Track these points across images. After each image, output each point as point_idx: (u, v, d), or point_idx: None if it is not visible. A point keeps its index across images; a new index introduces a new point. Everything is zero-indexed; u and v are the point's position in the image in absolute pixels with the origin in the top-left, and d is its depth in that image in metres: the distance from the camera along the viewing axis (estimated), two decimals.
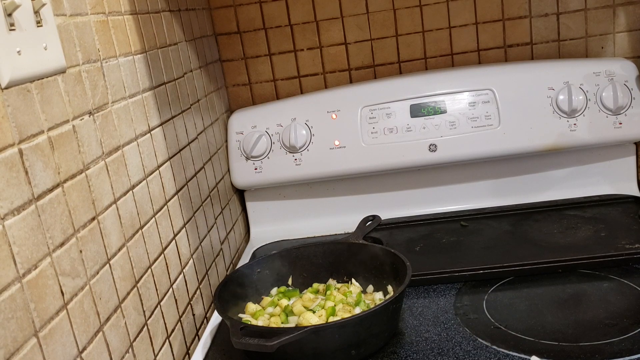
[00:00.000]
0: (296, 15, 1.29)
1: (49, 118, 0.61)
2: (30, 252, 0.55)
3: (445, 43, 1.29)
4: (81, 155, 0.66)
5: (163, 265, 0.85)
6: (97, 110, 0.71)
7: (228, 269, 1.18)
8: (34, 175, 0.57)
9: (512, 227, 1.14)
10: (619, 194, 1.21)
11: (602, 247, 1.00)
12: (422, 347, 0.81)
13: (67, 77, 0.65)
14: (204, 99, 1.15)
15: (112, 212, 0.72)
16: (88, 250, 0.65)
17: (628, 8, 1.23)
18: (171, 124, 0.95)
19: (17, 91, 0.56)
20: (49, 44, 0.61)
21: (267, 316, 0.90)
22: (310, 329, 0.77)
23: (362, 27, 1.29)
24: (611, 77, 1.17)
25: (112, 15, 0.78)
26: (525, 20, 1.26)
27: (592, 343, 0.77)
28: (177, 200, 0.94)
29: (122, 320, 0.71)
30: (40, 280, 0.56)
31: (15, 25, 0.56)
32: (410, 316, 0.89)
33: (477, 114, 1.19)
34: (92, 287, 0.65)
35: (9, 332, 0.51)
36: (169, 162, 0.92)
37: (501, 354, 0.77)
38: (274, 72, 1.32)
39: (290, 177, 1.25)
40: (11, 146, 0.54)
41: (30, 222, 0.56)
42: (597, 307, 0.86)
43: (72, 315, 0.61)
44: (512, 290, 0.93)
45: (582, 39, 1.26)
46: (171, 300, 0.87)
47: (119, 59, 0.78)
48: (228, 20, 1.30)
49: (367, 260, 0.97)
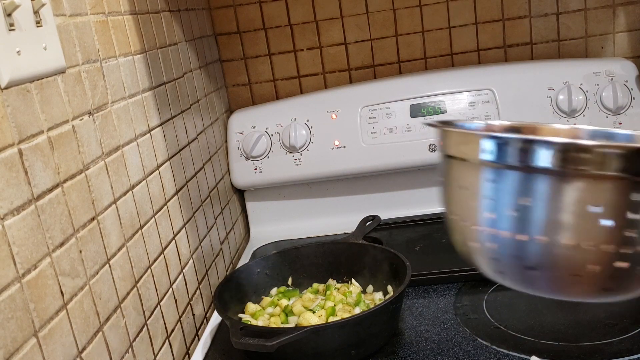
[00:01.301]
0: (296, 15, 1.29)
1: (49, 118, 0.61)
2: (29, 252, 0.55)
3: (445, 43, 1.29)
4: (81, 156, 0.66)
5: (163, 265, 0.85)
6: (97, 110, 0.71)
7: (228, 269, 1.18)
8: (34, 175, 0.57)
9: None
10: None
11: None
12: (422, 347, 0.81)
13: (66, 77, 0.65)
14: (203, 99, 1.15)
15: (111, 212, 0.72)
16: (88, 250, 0.65)
17: (628, 8, 1.23)
18: (171, 124, 0.95)
19: (16, 91, 0.56)
20: (48, 44, 0.61)
21: (267, 316, 0.90)
22: (310, 329, 0.77)
23: (362, 27, 1.29)
24: (611, 77, 1.17)
25: (112, 15, 0.78)
26: (525, 20, 1.26)
27: (592, 343, 0.77)
28: (177, 200, 0.94)
29: (121, 321, 0.71)
30: (40, 280, 0.56)
31: (15, 25, 0.56)
32: (410, 316, 0.89)
33: (477, 114, 1.19)
34: (92, 287, 0.65)
35: (9, 332, 0.51)
36: (168, 162, 0.92)
37: (501, 354, 0.77)
38: (273, 72, 1.32)
39: (290, 177, 1.25)
40: (11, 146, 0.54)
41: (30, 222, 0.56)
42: (597, 307, 0.86)
43: (72, 315, 0.61)
44: (512, 290, 0.93)
45: (582, 38, 1.26)
46: (171, 300, 0.87)
47: (118, 59, 0.78)
48: (228, 20, 1.30)
49: (367, 260, 0.97)
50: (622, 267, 0.50)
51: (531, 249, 0.52)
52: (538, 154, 0.49)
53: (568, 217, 0.50)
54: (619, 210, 0.49)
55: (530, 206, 0.50)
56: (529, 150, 0.50)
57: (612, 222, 0.49)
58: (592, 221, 0.49)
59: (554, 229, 0.50)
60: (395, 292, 0.84)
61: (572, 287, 0.53)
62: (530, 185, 0.50)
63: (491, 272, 0.58)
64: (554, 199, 0.50)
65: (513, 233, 0.52)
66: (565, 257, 0.51)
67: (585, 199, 0.49)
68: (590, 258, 0.50)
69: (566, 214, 0.50)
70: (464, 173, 0.56)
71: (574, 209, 0.49)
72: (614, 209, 0.48)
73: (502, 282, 0.59)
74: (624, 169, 0.48)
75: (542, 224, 0.51)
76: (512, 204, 0.51)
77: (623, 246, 0.49)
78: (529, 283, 0.56)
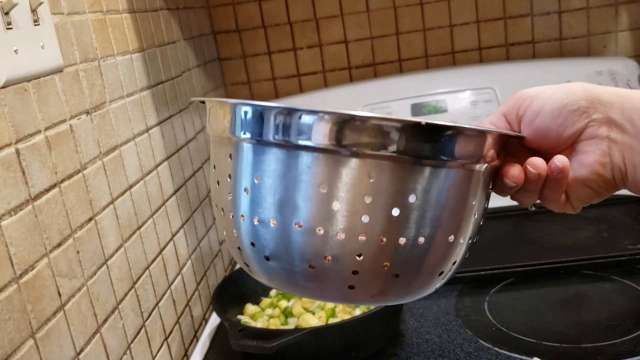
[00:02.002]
0: (296, 13, 1.28)
1: (46, 117, 0.60)
2: (27, 253, 0.55)
3: (447, 41, 1.28)
4: (78, 155, 0.66)
5: (161, 266, 0.85)
6: (95, 109, 0.70)
7: (227, 269, 1.18)
8: (31, 175, 0.57)
9: (513, 227, 1.13)
10: (621, 194, 1.18)
11: (604, 247, 1.00)
12: (423, 349, 0.81)
13: (64, 76, 0.64)
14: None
15: (109, 212, 0.71)
16: (85, 251, 0.65)
17: (630, 6, 1.23)
18: (169, 123, 0.94)
19: (14, 90, 0.55)
20: (46, 43, 0.61)
21: (266, 317, 0.89)
22: (310, 330, 0.76)
23: (362, 25, 1.28)
24: (613, 76, 1.16)
25: (110, 13, 0.77)
26: (527, 19, 1.25)
27: (594, 344, 0.77)
28: (175, 200, 0.93)
29: (119, 322, 0.71)
30: (38, 281, 0.56)
31: (13, 24, 0.56)
32: (411, 317, 0.88)
33: (479, 112, 1.19)
34: (90, 288, 0.65)
35: (6, 333, 0.51)
36: (167, 162, 0.91)
37: (503, 356, 0.77)
38: (273, 70, 1.32)
39: None
40: (8, 146, 0.54)
41: (27, 223, 0.55)
42: (599, 308, 0.85)
43: (70, 317, 0.60)
44: (513, 291, 0.93)
45: (584, 37, 1.25)
46: (169, 301, 0.86)
47: (116, 57, 0.78)
48: (227, 19, 1.29)
49: None
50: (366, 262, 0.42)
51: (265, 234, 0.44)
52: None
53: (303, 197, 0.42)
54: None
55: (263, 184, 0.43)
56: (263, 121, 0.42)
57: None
58: (324, 202, 0.42)
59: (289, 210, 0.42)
60: None
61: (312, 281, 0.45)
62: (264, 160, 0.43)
63: (241, 263, 0.49)
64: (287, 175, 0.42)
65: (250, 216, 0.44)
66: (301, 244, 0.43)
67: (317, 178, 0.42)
68: (327, 249, 0.42)
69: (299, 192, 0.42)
70: (214, 150, 0.48)
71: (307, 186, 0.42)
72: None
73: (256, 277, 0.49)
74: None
75: (275, 204, 0.43)
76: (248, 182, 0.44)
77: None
78: (269, 276, 0.47)
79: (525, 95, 0.49)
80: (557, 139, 0.48)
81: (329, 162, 0.41)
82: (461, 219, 0.45)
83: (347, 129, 0.41)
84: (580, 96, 0.47)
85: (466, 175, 0.44)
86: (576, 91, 0.47)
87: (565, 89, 0.48)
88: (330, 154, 0.41)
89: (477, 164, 0.44)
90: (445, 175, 0.43)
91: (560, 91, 0.48)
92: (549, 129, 0.47)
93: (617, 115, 0.46)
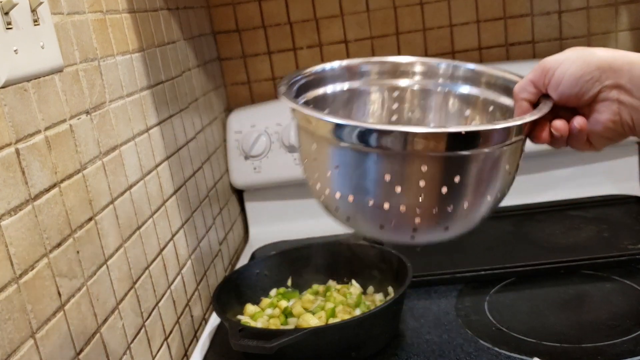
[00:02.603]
0: (296, 13, 1.28)
1: (46, 117, 0.60)
2: (27, 253, 0.55)
3: (447, 41, 1.28)
4: (78, 155, 0.66)
5: (161, 266, 0.85)
6: (95, 109, 0.70)
7: (227, 269, 1.18)
8: (31, 175, 0.57)
9: (514, 227, 1.13)
10: (622, 194, 1.20)
11: (605, 247, 1.00)
12: (423, 349, 0.80)
13: (64, 76, 0.64)
14: (202, 98, 1.14)
15: (109, 212, 0.71)
16: (85, 251, 0.65)
17: (630, 6, 1.23)
18: (169, 123, 0.94)
19: (14, 90, 0.55)
20: (46, 43, 0.61)
21: (266, 318, 0.89)
22: (310, 330, 0.76)
23: (362, 25, 1.28)
24: None
25: (110, 13, 0.77)
26: (527, 19, 1.25)
27: (594, 344, 0.77)
28: (175, 200, 0.93)
29: (119, 322, 0.71)
30: (37, 281, 0.56)
31: (12, 24, 0.56)
32: (411, 318, 0.88)
33: None
34: (90, 288, 0.65)
35: (6, 333, 0.51)
36: (167, 162, 0.91)
37: (503, 356, 0.77)
38: (273, 70, 1.32)
39: (289, 177, 1.24)
40: (8, 146, 0.54)
41: (27, 223, 0.55)
42: (599, 308, 0.85)
43: (69, 317, 0.60)
44: (514, 291, 0.93)
45: (584, 37, 1.25)
46: (169, 301, 0.86)
47: (116, 57, 0.78)
48: (227, 19, 1.29)
49: (367, 261, 0.96)
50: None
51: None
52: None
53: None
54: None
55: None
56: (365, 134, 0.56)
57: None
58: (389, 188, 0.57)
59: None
60: (396, 293, 0.83)
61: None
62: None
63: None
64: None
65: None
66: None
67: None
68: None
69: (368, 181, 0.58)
70: (316, 148, 0.63)
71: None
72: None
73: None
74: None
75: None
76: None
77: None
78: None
79: (548, 66, 0.59)
80: (577, 101, 0.59)
81: (397, 160, 0.56)
82: (496, 182, 0.58)
83: (411, 138, 0.54)
84: (594, 66, 0.57)
85: (498, 153, 0.57)
86: (590, 61, 0.57)
87: (582, 60, 0.58)
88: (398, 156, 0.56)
89: (504, 146, 0.56)
90: (483, 157, 0.56)
91: (578, 62, 0.58)
92: (570, 94, 0.59)
93: (625, 81, 0.56)
